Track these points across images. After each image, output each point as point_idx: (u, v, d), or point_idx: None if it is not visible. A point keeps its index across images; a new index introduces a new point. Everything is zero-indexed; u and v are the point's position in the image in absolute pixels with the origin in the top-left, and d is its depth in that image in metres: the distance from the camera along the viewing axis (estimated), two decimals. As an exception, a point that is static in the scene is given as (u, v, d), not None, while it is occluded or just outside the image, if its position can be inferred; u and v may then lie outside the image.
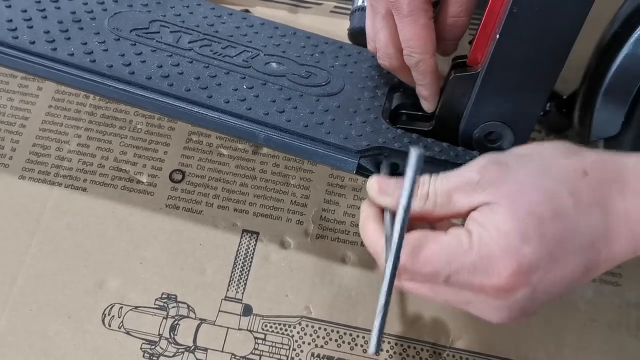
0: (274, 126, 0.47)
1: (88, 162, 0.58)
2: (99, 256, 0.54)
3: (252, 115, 0.47)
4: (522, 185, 0.36)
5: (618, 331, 0.52)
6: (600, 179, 0.36)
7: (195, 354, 0.50)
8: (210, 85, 0.49)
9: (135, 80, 0.48)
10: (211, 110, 0.48)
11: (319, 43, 0.54)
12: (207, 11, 0.55)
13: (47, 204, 0.56)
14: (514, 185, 0.36)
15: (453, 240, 0.36)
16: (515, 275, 0.35)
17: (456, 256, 0.36)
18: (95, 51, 0.49)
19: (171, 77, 0.49)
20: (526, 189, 0.36)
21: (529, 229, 0.35)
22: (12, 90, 0.61)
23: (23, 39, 0.49)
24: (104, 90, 0.48)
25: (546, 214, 0.35)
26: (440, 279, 0.36)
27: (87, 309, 0.52)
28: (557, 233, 0.35)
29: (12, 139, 0.59)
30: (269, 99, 0.49)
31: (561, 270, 0.35)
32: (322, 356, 0.51)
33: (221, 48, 0.52)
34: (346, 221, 0.56)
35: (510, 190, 0.36)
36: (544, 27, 0.40)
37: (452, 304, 0.38)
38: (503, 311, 0.37)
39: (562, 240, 0.35)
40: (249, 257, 0.54)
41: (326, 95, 0.50)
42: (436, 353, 0.51)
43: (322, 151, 0.46)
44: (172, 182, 0.57)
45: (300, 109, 0.48)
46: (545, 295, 0.36)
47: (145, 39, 0.51)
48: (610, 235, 0.36)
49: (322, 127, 0.47)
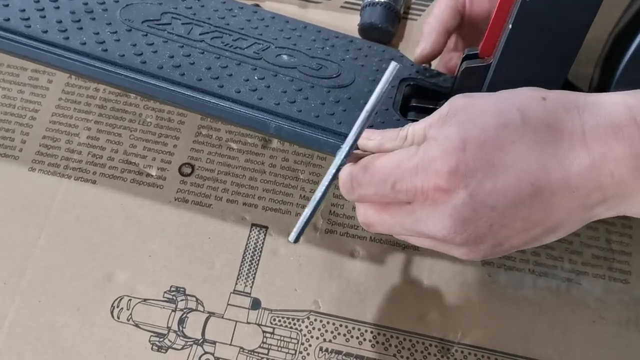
0: (285, 116, 0.47)
1: (97, 154, 0.58)
2: (107, 248, 0.54)
3: (263, 104, 0.47)
4: (478, 105, 0.37)
5: (627, 328, 0.52)
6: (558, 104, 0.36)
7: (204, 346, 0.50)
8: (222, 75, 0.49)
9: (146, 69, 0.48)
10: (222, 99, 0.48)
11: (329, 37, 0.54)
12: (218, 4, 0.55)
13: (56, 196, 0.56)
14: (472, 107, 0.37)
15: (403, 151, 0.38)
16: (453, 173, 0.35)
17: (402, 161, 0.37)
18: (107, 40, 0.49)
19: (182, 66, 0.49)
20: (480, 106, 0.37)
21: (470, 135, 0.35)
22: (22, 82, 0.61)
23: (35, 27, 0.49)
24: (115, 79, 0.48)
25: (490, 124, 0.36)
26: (387, 187, 0.37)
27: (95, 301, 0.52)
28: (498, 141, 0.35)
29: (22, 130, 0.59)
30: (280, 89, 0.49)
31: (502, 181, 0.35)
32: (330, 350, 0.51)
33: (232, 40, 0.52)
34: (355, 215, 0.56)
35: (466, 110, 0.37)
36: (556, 17, 0.40)
37: (404, 228, 0.39)
38: (446, 220, 0.36)
39: (504, 150, 0.35)
40: (257, 251, 0.54)
41: (337, 87, 0.50)
42: (444, 348, 0.51)
43: (333, 141, 0.46)
44: (181, 175, 0.57)
45: (311, 100, 0.48)
46: (491, 210, 0.36)
47: (157, 29, 0.51)
48: (562, 155, 0.35)
49: (333, 117, 0.47)
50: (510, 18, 0.41)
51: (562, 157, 0.35)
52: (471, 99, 0.38)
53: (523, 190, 0.35)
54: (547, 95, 0.37)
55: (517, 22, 0.41)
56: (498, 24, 0.43)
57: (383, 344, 0.51)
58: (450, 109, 0.38)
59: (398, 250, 0.54)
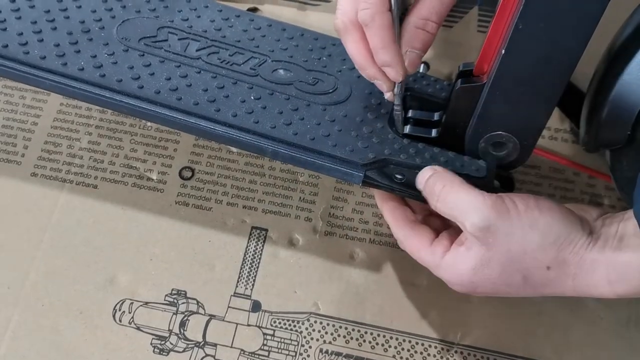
0: (281, 140, 0.48)
1: (99, 159, 0.58)
2: (109, 252, 0.54)
3: (259, 129, 0.48)
4: (493, 261, 0.43)
5: (626, 327, 0.52)
6: (558, 274, 0.43)
7: (205, 349, 0.51)
8: (218, 98, 0.49)
9: (144, 95, 0.49)
10: (219, 124, 0.48)
11: (326, 45, 0.54)
12: (214, 14, 0.55)
13: (58, 201, 0.56)
14: (488, 261, 0.43)
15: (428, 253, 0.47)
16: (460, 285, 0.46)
17: (425, 259, 0.47)
18: (104, 64, 0.50)
19: (179, 89, 0.49)
20: (493, 263, 0.43)
21: (479, 283, 0.45)
22: (23, 88, 0.62)
23: (34, 53, 0.50)
24: (113, 105, 0.49)
25: (499, 282, 0.44)
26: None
27: (97, 305, 0.52)
28: (501, 294, 0.46)
29: (24, 136, 0.59)
30: (276, 110, 0.49)
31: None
32: (330, 352, 0.51)
33: (228, 55, 0.52)
34: (354, 218, 0.56)
35: (482, 261, 0.44)
36: (550, 43, 0.40)
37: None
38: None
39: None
40: (257, 254, 0.54)
41: (333, 104, 0.50)
42: (444, 349, 0.51)
43: (328, 164, 0.47)
44: (182, 178, 0.58)
45: (307, 120, 0.49)
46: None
47: (154, 48, 0.52)
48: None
49: (328, 139, 0.48)
50: (504, 43, 0.41)
51: None
52: (489, 251, 0.43)
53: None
54: (551, 264, 0.43)
55: (510, 48, 0.41)
56: (492, 46, 0.43)
57: (383, 345, 0.51)
58: (475, 248, 0.44)
59: (397, 251, 0.54)
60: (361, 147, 0.47)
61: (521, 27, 0.39)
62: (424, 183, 0.46)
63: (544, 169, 0.58)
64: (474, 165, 0.47)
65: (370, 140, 0.48)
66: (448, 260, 0.45)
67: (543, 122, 0.45)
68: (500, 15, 0.42)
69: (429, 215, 0.50)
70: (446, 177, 0.45)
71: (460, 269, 0.44)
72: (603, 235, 0.43)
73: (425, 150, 0.48)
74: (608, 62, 0.45)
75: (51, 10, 0.52)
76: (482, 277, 0.44)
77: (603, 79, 0.45)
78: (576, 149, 0.59)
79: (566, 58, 0.41)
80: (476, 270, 0.44)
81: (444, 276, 0.46)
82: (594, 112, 0.46)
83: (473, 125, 0.46)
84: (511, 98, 0.44)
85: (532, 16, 0.39)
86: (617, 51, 0.45)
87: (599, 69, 0.46)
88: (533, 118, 0.45)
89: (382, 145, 0.47)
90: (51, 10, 0.52)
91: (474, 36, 0.65)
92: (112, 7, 0.53)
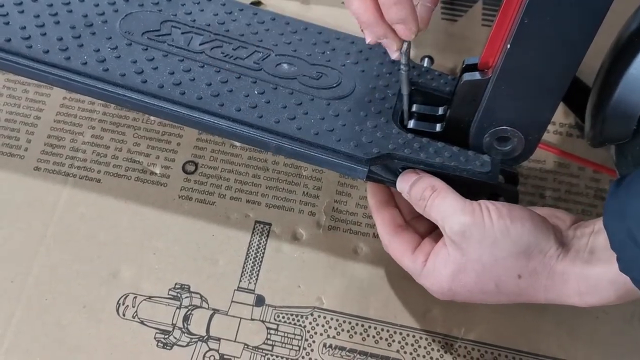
0: (285, 134, 0.47)
1: (102, 153, 0.58)
2: (112, 246, 0.54)
3: (263, 123, 0.47)
4: (469, 268, 0.44)
5: (630, 323, 0.52)
6: (529, 283, 0.44)
7: (208, 343, 0.51)
8: (222, 92, 0.49)
9: (147, 89, 0.48)
10: (222, 119, 0.48)
11: (330, 38, 0.54)
12: (217, 7, 0.54)
13: (61, 195, 0.56)
14: (464, 267, 0.44)
15: (410, 261, 0.48)
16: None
17: (408, 267, 0.48)
18: (107, 58, 0.49)
19: (183, 84, 0.49)
20: (469, 269, 0.44)
21: (457, 290, 0.45)
22: (26, 82, 0.61)
23: (37, 47, 0.49)
24: (116, 100, 0.49)
25: (474, 290, 0.45)
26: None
27: (101, 299, 0.52)
28: (475, 300, 0.46)
29: (27, 130, 0.59)
30: (280, 104, 0.49)
31: None
32: (333, 346, 0.51)
33: (232, 49, 0.52)
34: (358, 212, 0.56)
35: (459, 266, 0.44)
36: (555, 38, 0.39)
37: None
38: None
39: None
40: (261, 248, 0.54)
41: (337, 98, 0.50)
42: (448, 344, 0.51)
43: (332, 159, 0.47)
44: (185, 173, 0.58)
45: (311, 115, 0.48)
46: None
47: (157, 42, 0.51)
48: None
49: (332, 133, 0.47)
50: (509, 37, 0.41)
51: None
52: (464, 257, 0.44)
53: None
54: (522, 273, 0.44)
55: (516, 43, 0.40)
56: (497, 40, 0.43)
57: (386, 340, 0.51)
58: (452, 253, 0.45)
59: (401, 246, 0.54)
60: (365, 141, 0.47)
61: (527, 21, 0.39)
62: (408, 187, 0.46)
63: (548, 164, 0.58)
64: (478, 160, 0.47)
65: (374, 134, 0.48)
66: (429, 267, 0.46)
67: (548, 116, 0.45)
68: (505, 9, 0.41)
69: (416, 218, 0.50)
70: (435, 181, 0.46)
71: (440, 275, 0.45)
72: (574, 247, 0.44)
73: (429, 145, 0.47)
74: (614, 56, 0.45)
75: (54, 4, 0.52)
76: (459, 284, 0.45)
77: (609, 74, 0.45)
78: (581, 144, 0.59)
79: (572, 52, 0.40)
80: (454, 276, 0.45)
81: (425, 284, 0.47)
82: (599, 107, 0.45)
83: (477, 120, 0.46)
84: (516, 93, 0.43)
85: (538, 10, 0.39)
86: (623, 45, 0.44)
87: (605, 63, 0.46)
88: (538, 113, 0.45)
89: (386, 140, 0.47)
90: (54, 4, 0.52)
91: (479, 30, 0.65)
92: (115, 1, 0.53)
